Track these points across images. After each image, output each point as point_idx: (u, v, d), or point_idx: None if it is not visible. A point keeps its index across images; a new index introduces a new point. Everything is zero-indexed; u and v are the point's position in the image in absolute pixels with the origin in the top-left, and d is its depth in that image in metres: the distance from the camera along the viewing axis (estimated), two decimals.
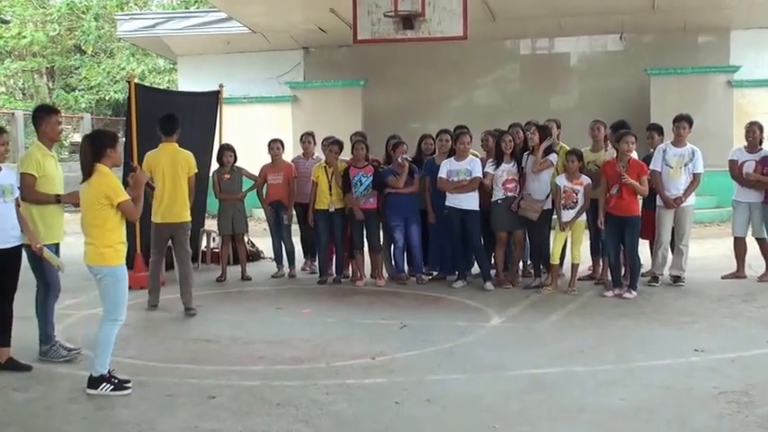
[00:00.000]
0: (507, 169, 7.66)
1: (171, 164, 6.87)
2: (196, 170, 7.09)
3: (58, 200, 5.36)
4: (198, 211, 9.15)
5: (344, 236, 8.25)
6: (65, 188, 5.53)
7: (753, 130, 7.93)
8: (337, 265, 8.31)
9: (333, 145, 8.21)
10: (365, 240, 8.14)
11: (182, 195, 6.90)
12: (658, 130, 8.15)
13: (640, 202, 7.65)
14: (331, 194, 8.05)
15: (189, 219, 7.09)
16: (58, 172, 5.48)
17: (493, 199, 7.70)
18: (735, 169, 7.94)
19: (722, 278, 7.97)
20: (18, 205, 5.11)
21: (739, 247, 7.98)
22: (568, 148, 7.81)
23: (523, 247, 8.00)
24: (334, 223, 8.12)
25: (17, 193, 5.10)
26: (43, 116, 5.44)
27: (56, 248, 5.40)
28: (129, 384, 4.66)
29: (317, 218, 8.21)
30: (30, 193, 5.29)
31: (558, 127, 8.25)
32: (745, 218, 7.87)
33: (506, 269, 7.99)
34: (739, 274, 7.98)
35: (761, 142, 7.97)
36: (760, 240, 7.87)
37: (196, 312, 6.93)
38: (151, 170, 6.56)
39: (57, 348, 5.38)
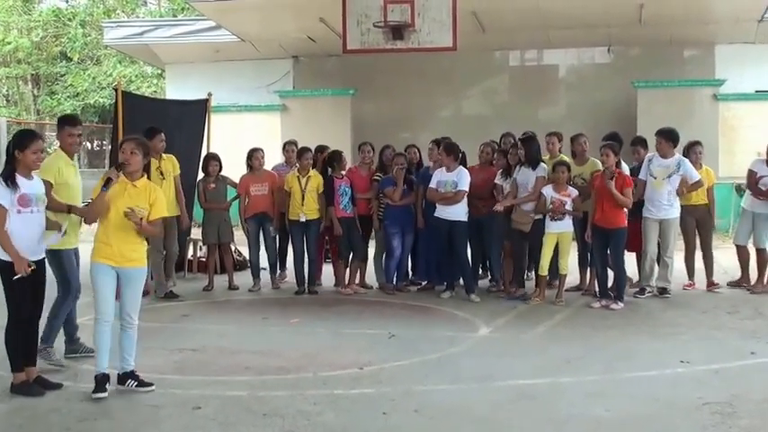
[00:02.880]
0: (512, 181, 7.70)
1: None
2: None
3: (69, 210, 5.34)
4: None
5: (320, 246, 8.30)
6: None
7: None
8: (309, 275, 8.26)
9: (305, 152, 8.20)
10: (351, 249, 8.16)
11: None
12: (643, 143, 8.24)
13: (626, 214, 7.72)
14: (303, 204, 8.02)
15: None
16: (77, 181, 5.54)
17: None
18: (751, 179, 8.06)
19: (728, 284, 8.13)
20: None
21: (741, 254, 8.13)
22: (566, 158, 7.87)
23: (521, 258, 7.98)
24: (309, 233, 8.12)
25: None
26: (64, 126, 5.60)
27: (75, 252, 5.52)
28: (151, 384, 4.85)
29: (292, 229, 8.19)
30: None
31: (560, 140, 8.22)
32: (749, 227, 8.04)
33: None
34: (743, 281, 8.11)
35: None
36: (760, 250, 8.00)
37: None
38: None
39: (52, 352, 5.41)
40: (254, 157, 8.50)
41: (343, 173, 8.18)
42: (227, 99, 15.11)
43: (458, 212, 7.63)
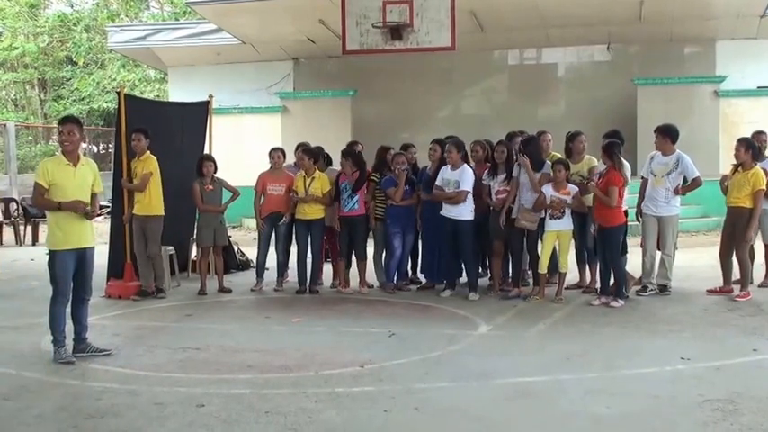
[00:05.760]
0: (500, 179, 7.74)
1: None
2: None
3: (59, 207, 5.47)
4: (188, 221, 9.16)
5: (323, 245, 8.36)
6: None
7: (762, 140, 8.01)
8: (312, 273, 8.31)
9: (303, 153, 8.23)
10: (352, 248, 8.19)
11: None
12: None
13: (631, 212, 7.74)
14: (305, 204, 8.06)
15: None
16: (73, 181, 5.56)
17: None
18: None
19: (759, 286, 7.91)
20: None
21: None
22: (558, 156, 7.89)
23: (519, 257, 8.01)
24: (312, 233, 8.16)
25: None
26: (58, 126, 5.72)
27: (79, 255, 5.54)
28: None
29: (298, 227, 8.25)
30: (36, 199, 5.69)
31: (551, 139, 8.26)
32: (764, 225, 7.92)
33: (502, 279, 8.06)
34: None
35: None
36: (767, 246, 7.96)
37: None
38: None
39: (60, 351, 5.51)
40: (271, 155, 8.51)
41: (355, 168, 8.16)
42: (229, 101, 15.19)
43: (462, 211, 7.64)
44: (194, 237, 9.26)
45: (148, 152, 7.97)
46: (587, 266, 7.98)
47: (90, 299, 5.82)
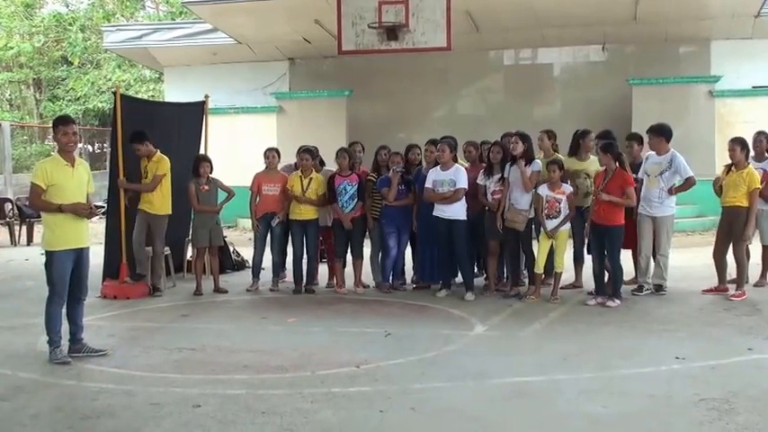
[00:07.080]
0: (495, 180, 7.74)
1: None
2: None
3: (60, 209, 5.46)
4: (183, 221, 9.15)
5: (318, 245, 8.35)
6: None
7: (759, 140, 8.03)
8: (308, 274, 8.31)
9: (304, 153, 8.22)
10: (348, 248, 8.19)
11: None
12: (638, 139, 8.21)
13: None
14: (302, 204, 8.07)
15: None
16: (72, 182, 5.56)
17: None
18: None
19: (754, 286, 7.89)
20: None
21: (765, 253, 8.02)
22: (552, 158, 7.90)
23: (516, 257, 8.00)
24: (308, 233, 8.16)
25: None
26: (58, 126, 5.62)
27: (76, 255, 5.55)
28: None
29: (293, 227, 8.24)
30: (33, 201, 5.63)
31: (551, 138, 8.25)
32: (762, 226, 7.90)
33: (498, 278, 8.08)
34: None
35: None
36: (765, 247, 7.97)
37: None
38: None
39: (56, 351, 5.50)
40: (266, 155, 8.49)
41: (350, 171, 8.15)
42: (225, 101, 15.16)
43: (457, 211, 7.64)
44: (190, 237, 9.26)
45: (158, 152, 8.04)
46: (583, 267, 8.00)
47: (86, 299, 5.82)
